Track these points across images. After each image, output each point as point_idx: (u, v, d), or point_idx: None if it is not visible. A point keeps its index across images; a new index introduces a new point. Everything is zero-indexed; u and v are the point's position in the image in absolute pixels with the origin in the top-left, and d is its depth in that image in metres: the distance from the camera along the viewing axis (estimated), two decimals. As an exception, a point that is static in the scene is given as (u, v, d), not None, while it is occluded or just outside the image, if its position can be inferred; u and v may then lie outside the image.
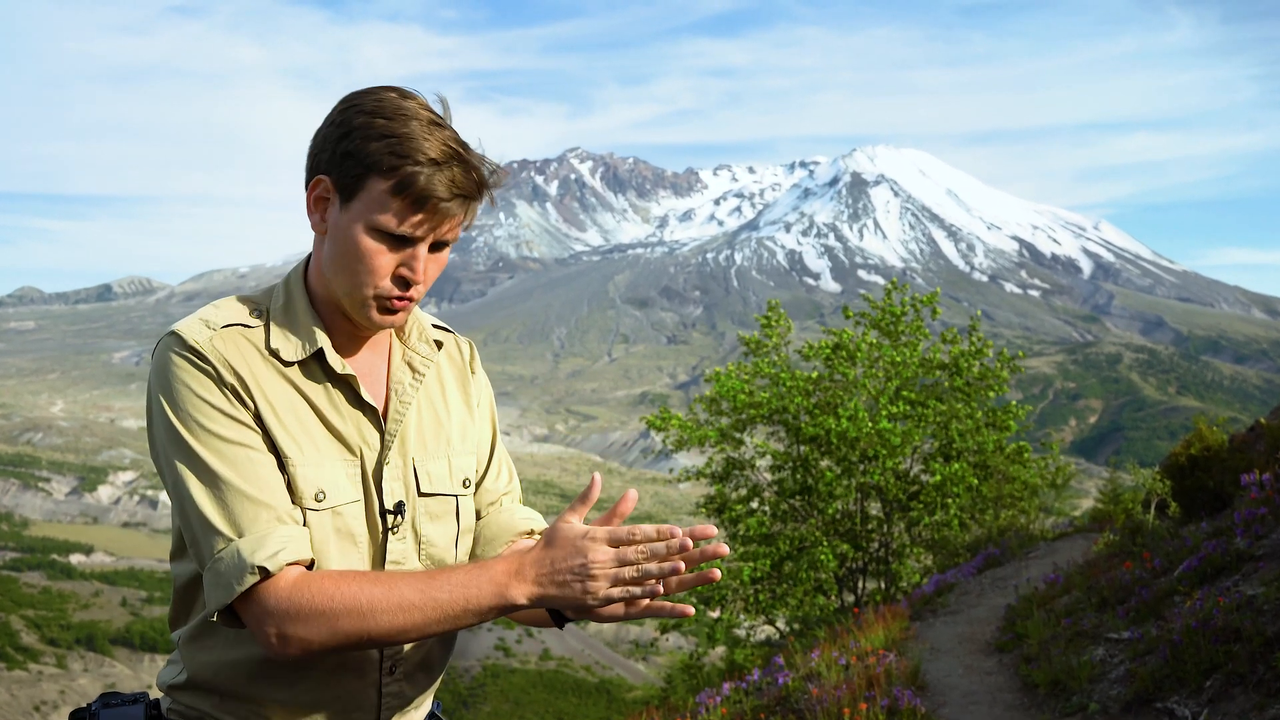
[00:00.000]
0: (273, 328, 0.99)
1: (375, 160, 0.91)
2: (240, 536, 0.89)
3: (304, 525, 0.94)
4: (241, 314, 0.99)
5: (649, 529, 0.87)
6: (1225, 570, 3.52)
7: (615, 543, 0.87)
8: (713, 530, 0.90)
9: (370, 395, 1.01)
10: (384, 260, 0.94)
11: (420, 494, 1.03)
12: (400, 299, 0.97)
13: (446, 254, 0.99)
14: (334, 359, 0.99)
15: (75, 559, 60.31)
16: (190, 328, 0.96)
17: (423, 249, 0.95)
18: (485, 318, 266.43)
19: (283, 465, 0.95)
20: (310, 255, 1.03)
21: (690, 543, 0.87)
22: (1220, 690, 2.61)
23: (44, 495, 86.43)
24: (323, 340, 0.99)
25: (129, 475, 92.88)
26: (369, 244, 0.93)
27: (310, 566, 0.93)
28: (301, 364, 0.99)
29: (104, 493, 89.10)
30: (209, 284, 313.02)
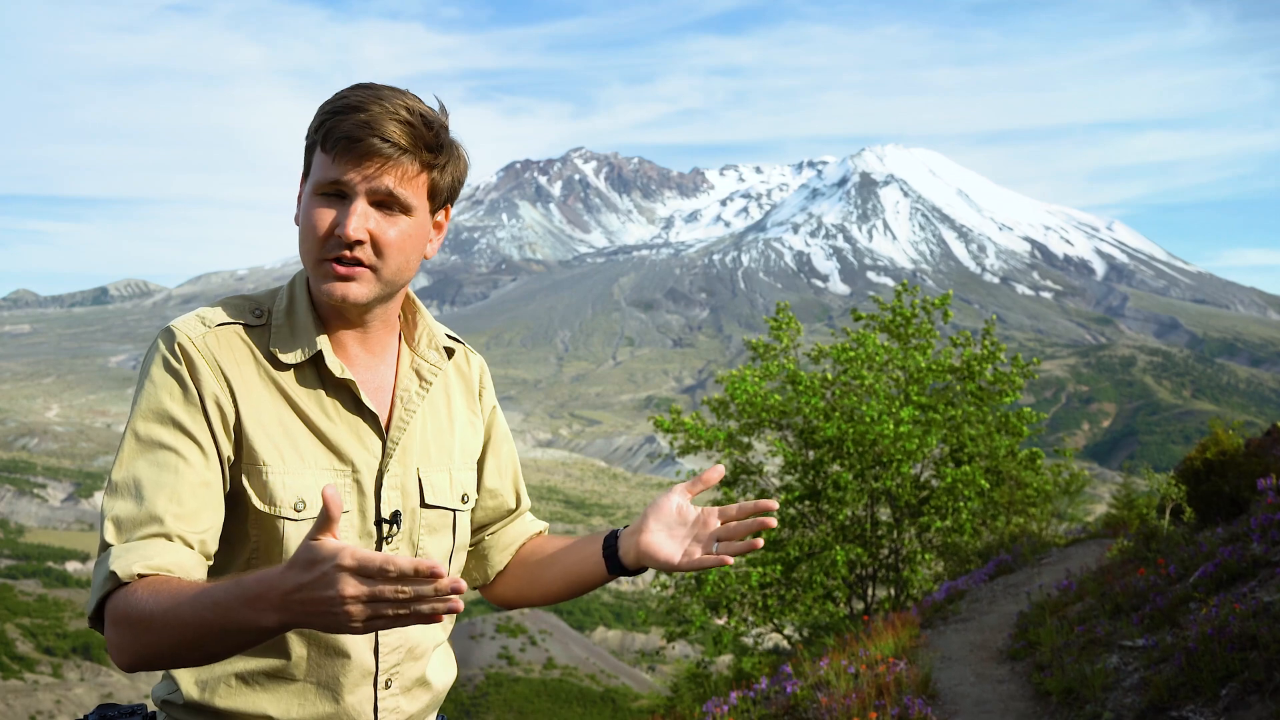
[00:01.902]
0: (273, 329, 0.98)
1: (313, 131, 0.94)
2: (118, 544, 0.87)
3: (199, 547, 0.90)
4: (241, 313, 0.98)
5: (404, 563, 0.75)
6: (1241, 576, 3.48)
7: (367, 574, 0.75)
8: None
9: (373, 402, 0.99)
10: (322, 218, 0.93)
11: (424, 505, 1.02)
12: (344, 261, 0.93)
13: (410, 221, 0.95)
14: (333, 362, 0.97)
15: (71, 566, 59.58)
16: (184, 324, 0.95)
17: (358, 203, 0.92)
18: (488, 321, 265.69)
19: (259, 473, 0.93)
20: None
21: (463, 584, 0.77)
22: (1236, 698, 2.58)
23: (39, 501, 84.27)
24: (322, 344, 0.97)
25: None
26: (312, 208, 0.94)
27: None
28: (297, 368, 0.97)
29: (100, 499, 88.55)
30: (207, 287, 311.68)
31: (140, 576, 0.84)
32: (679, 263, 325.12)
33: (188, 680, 0.96)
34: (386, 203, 0.94)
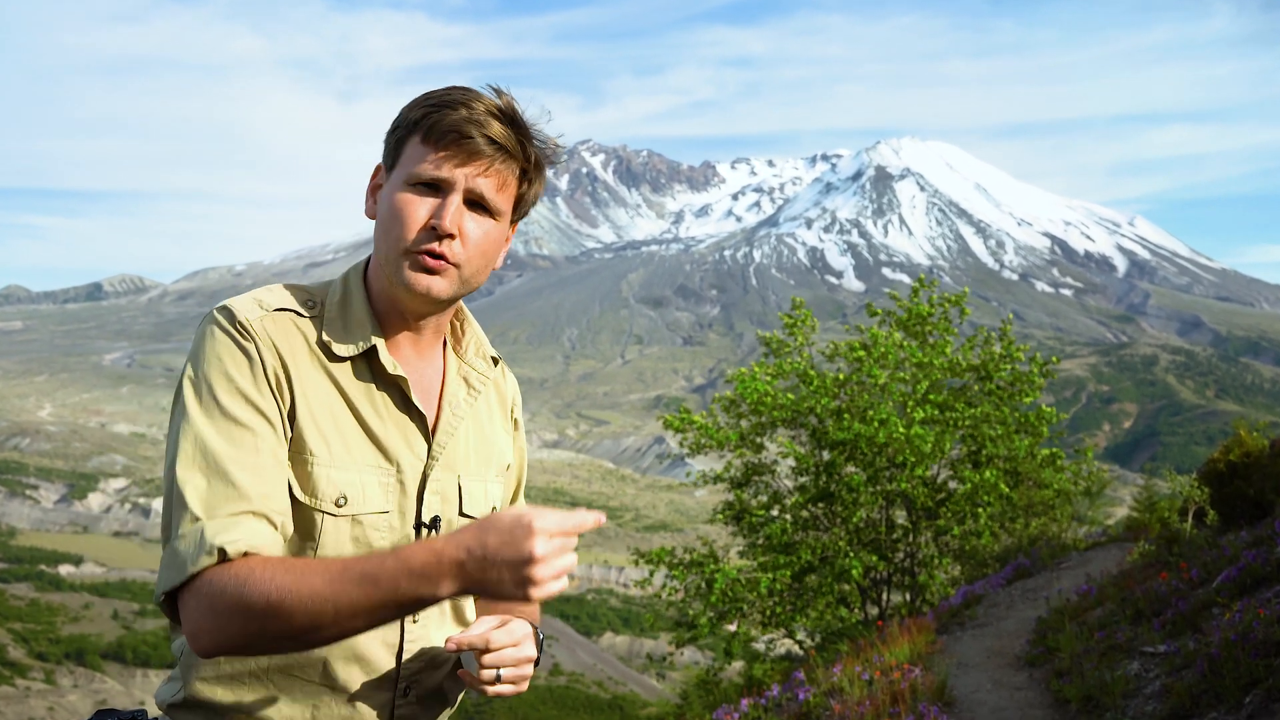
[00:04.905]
0: (326, 321, 0.97)
1: (412, 120, 0.94)
2: (210, 519, 0.85)
3: (280, 529, 0.89)
4: (295, 301, 0.97)
5: (586, 517, 0.83)
6: (1266, 581, 3.43)
7: (559, 534, 0.81)
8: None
9: (421, 403, 0.99)
10: (416, 210, 0.92)
11: (461, 514, 1.01)
12: (434, 255, 0.92)
13: (494, 226, 0.96)
14: (386, 358, 0.97)
15: (64, 570, 58.27)
16: (242, 304, 0.94)
17: (454, 198, 0.92)
18: (493, 318, 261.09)
19: (305, 463, 0.92)
20: (371, 255, 1.03)
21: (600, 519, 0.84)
22: (1260, 706, 2.53)
23: (31, 503, 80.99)
24: (377, 339, 0.97)
25: (120, 482, 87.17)
26: (403, 197, 0.93)
27: None
28: (350, 362, 0.97)
29: (94, 500, 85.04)
30: (203, 283, 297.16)
31: (244, 555, 0.84)
32: (689, 258, 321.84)
33: (196, 678, 0.93)
34: (480, 203, 0.94)
